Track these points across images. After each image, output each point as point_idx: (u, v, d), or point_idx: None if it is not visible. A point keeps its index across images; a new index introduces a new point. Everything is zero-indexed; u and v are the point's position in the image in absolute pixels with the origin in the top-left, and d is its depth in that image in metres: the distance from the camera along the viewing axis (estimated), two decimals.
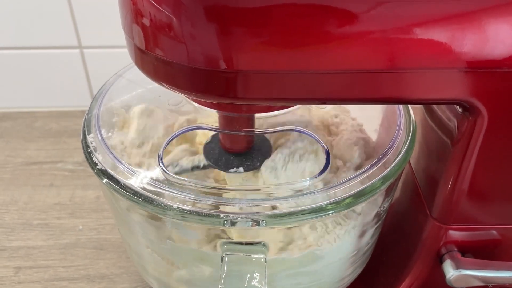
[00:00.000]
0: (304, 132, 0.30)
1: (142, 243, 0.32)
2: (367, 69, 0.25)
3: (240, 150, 0.32)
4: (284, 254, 0.29)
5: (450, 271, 0.32)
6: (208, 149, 0.32)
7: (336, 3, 0.23)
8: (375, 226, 0.33)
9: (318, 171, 0.28)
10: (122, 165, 0.29)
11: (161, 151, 0.29)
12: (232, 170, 0.31)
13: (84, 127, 0.32)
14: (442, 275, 0.33)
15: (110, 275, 0.48)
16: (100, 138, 0.31)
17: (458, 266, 0.32)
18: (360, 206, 0.29)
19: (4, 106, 0.71)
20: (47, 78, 0.69)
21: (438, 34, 0.24)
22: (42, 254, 0.50)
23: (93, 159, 0.30)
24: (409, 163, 0.38)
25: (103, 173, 0.29)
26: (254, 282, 0.25)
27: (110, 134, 0.31)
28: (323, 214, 0.27)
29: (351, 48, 0.24)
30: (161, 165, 0.28)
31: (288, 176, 0.29)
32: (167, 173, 0.28)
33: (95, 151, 0.30)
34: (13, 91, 0.70)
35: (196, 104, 0.30)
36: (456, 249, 0.33)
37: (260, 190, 0.28)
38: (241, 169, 0.30)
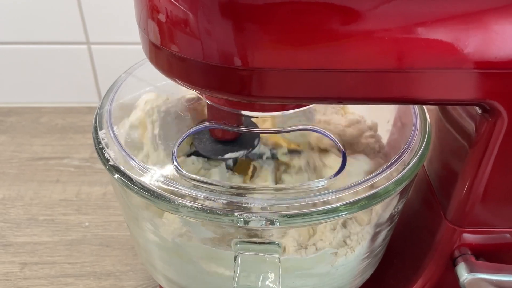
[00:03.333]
0: (320, 132, 0.29)
1: (152, 240, 0.32)
2: (385, 68, 0.25)
3: (232, 138, 0.31)
4: (297, 255, 0.28)
5: (464, 275, 0.31)
6: (197, 141, 0.32)
7: (354, 1, 0.23)
8: (388, 228, 0.32)
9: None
10: (134, 162, 0.29)
11: (175, 149, 0.28)
12: (227, 156, 0.30)
13: (95, 122, 0.31)
14: (454, 278, 0.33)
15: (116, 272, 0.48)
16: (112, 134, 0.30)
17: (472, 270, 0.32)
18: (374, 208, 0.29)
19: (10, 101, 0.71)
20: (54, 73, 0.69)
21: (458, 34, 0.24)
22: (48, 250, 0.50)
23: (105, 155, 0.29)
24: None
25: (115, 169, 0.28)
26: (267, 282, 0.25)
27: (122, 131, 0.31)
28: (336, 215, 0.26)
29: (369, 46, 0.24)
30: (175, 162, 0.28)
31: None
32: (181, 171, 0.27)
33: (107, 147, 0.30)
34: (19, 86, 0.70)
35: (209, 102, 0.30)
36: (470, 252, 0.33)
37: (274, 189, 0.27)
38: (240, 153, 0.29)
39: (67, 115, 0.69)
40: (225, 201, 0.26)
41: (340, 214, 0.27)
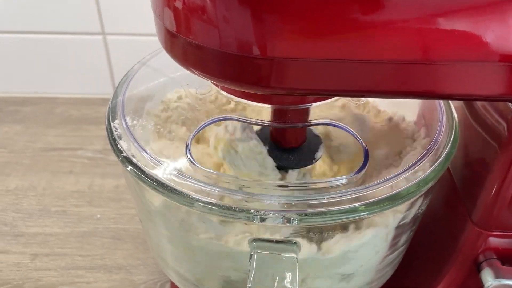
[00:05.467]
0: (341, 127, 0.28)
1: (164, 234, 0.31)
2: (411, 59, 0.23)
3: (289, 145, 0.30)
4: (315, 255, 0.27)
5: (489, 280, 0.30)
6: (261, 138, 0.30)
7: None
8: (410, 230, 0.31)
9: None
10: (147, 154, 0.28)
11: (189, 141, 0.27)
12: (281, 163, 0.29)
13: (108, 113, 0.31)
14: (478, 284, 0.31)
15: (127, 266, 0.47)
16: (125, 125, 0.29)
17: (498, 275, 0.30)
18: (396, 209, 0.28)
19: (25, 91, 0.70)
20: (69, 64, 0.68)
21: (486, 24, 0.22)
22: (59, 242, 0.49)
23: (118, 146, 0.28)
24: None
25: (128, 161, 0.27)
26: (285, 283, 0.24)
27: (135, 122, 0.30)
28: (356, 215, 0.25)
29: (394, 36, 0.22)
30: (189, 155, 0.27)
31: None
32: (195, 165, 0.26)
33: (120, 138, 0.29)
34: (35, 76, 0.70)
35: (225, 93, 0.29)
36: (495, 257, 0.31)
37: (292, 187, 0.26)
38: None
39: (81, 106, 0.69)
40: (240, 197, 0.25)
41: (361, 214, 0.25)
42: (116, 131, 0.29)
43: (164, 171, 0.27)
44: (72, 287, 0.45)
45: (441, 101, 0.33)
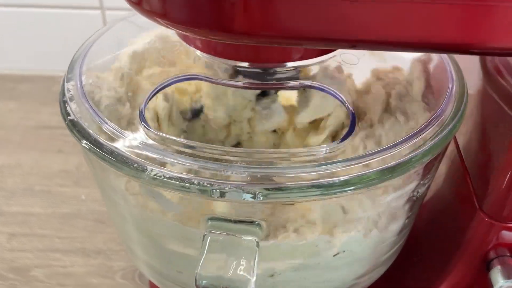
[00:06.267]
0: (325, 90, 0.24)
1: (127, 218, 0.27)
2: None
3: None
4: (285, 240, 0.23)
5: (500, 281, 0.25)
6: None
7: None
8: (406, 216, 0.26)
9: None
10: (98, 117, 0.24)
11: (142, 106, 0.23)
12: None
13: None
14: (487, 284, 0.26)
15: (107, 251, 0.44)
16: (79, 85, 0.26)
17: (510, 276, 0.25)
18: (387, 186, 0.23)
19: (23, 68, 0.68)
20: (67, 40, 0.65)
21: None
22: (40, 222, 0.46)
23: (67, 108, 0.25)
24: (457, 144, 0.31)
25: (73, 125, 0.24)
26: (239, 271, 0.19)
27: (91, 81, 0.26)
28: (337, 191, 0.21)
29: None
30: (142, 120, 0.23)
31: None
32: (150, 130, 0.22)
33: (71, 100, 0.25)
34: (33, 53, 0.67)
35: (199, 52, 0.24)
36: (508, 254, 0.26)
37: (263, 155, 0.22)
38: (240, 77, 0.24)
39: None
40: (196, 166, 0.21)
41: (344, 190, 0.21)
42: (69, 92, 0.26)
43: (113, 136, 0.23)
44: (46, 270, 0.42)
45: (452, 70, 0.28)
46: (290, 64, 0.24)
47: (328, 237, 0.23)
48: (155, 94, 0.24)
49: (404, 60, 0.30)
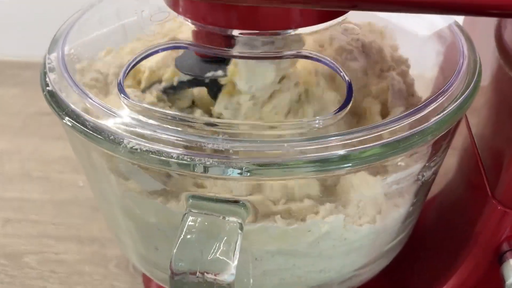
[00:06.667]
0: (321, 60, 0.21)
1: (112, 201, 0.26)
2: None
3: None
4: (273, 223, 0.21)
5: None
6: (180, 61, 0.25)
7: None
8: (411, 202, 0.24)
9: None
10: (77, 87, 0.22)
11: (121, 76, 0.22)
12: (209, 74, 0.23)
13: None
14: (499, 280, 0.24)
15: (101, 239, 0.42)
16: (60, 55, 0.24)
17: None
18: (388, 165, 0.21)
19: (27, 54, 0.67)
20: None
21: None
22: (35, 208, 0.45)
23: (46, 79, 0.23)
24: (470, 130, 0.29)
25: (51, 95, 0.22)
26: (218, 255, 0.18)
27: (72, 51, 0.25)
28: (332, 168, 0.19)
29: None
30: (120, 91, 0.21)
31: None
32: (129, 100, 0.21)
33: (51, 71, 0.24)
34: (38, 39, 0.66)
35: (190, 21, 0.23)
36: None
37: (250, 127, 0.20)
38: (219, 72, 0.22)
39: None
40: (177, 139, 0.19)
41: (339, 167, 0.19)
42: (50, 64, 0.24)
43: (89, 106, 0.21)
44: (38, 257, 0.41)
45: (465, 47, 0.26)
46: (287, 32, 0.22)
47: (321, 221, 0.21)
48: (135, 65, 0.22)
49: (411, 38, 0.28)
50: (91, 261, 0.41)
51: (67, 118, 0.21)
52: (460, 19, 0.30)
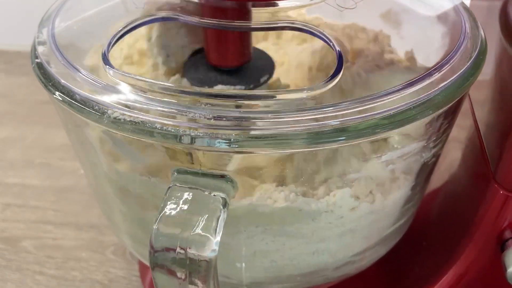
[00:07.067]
0: (309, 31, 0.21)
1: (102, 180, 0.25)
2: None
3: (231, 64, 0.24)
4: (263, 201, 0.20)
5: None
6: (189, 66, 0.24)
7: None
8: (410, 185, 0.23)
9: None
10: (65, 60, 0.22)
11: (105, 48, 0.21)
12: (217, 87, 0.23)
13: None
14: (501, 269, 0.23)
15: (100, 226, 0.42)
16: (50, 29, 0.24)
17: None
18: (385, 141, 0.20)
19: None
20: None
21: None
22: (36, 194, 0.45)
23: (36, 52, 0.23)
24: (473, 112, 0.28)
25: (40, 67, 0.22)
26: (199, 230, 0.17)
27: (63, 23, 0.24)
28: (323, 141, 0.18)
29: None
30: (105, 61, 0.20)
31: None
32: (114, 70, 0.20)
33: (41, 44, 0.23)
34: None
35: None
36: None
37: (239, 96, 0.19)
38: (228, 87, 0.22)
39: None
40: (163, 108, 0.19)
41: (330, 140, 0.18)
42: (38, 38, 0.24)
43: (78, 78, 0.21)
44: (36, 242, 0.40)
45: (467, 24, 0.25)
46: (281, 4, 0.21)
47: (313, 200, 0.20)
48: (121, 37, 0.22)
49: (416, 20, 0.27)
50: (88, 247, 0.40)
51: (53, 90, 0.21)
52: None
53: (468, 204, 0.26)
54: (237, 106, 0.19)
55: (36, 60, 0.22)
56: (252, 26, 0.21)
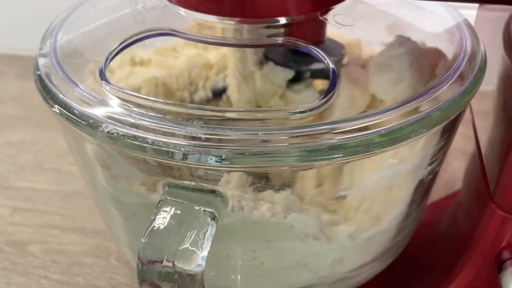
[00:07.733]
0: (305, 49, 0.21)
1: (102, 194, 0.26)
2: None
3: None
4: (254, 217, 0.20)
5: (511, 285, 0.21)
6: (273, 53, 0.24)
7: None
8: (408, 201, 0.23)
9: None
10: (64, 73, 0.22)
11: (102, 64, 0.21)
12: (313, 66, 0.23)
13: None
14: None
15: (105, 232, 0.42)
16: (52, 43, 0.24)
17: None
18: (379, 158, 0.20)
19: None
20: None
21: None
22: (44, 199, 0.46)
23: (38, 64, 0.23)
24: (475, 131, 0.27)
25: (40, 79, 0.22)
26: (187, 245, 0.17)
27: (65, 37, 0.25)
28: (318, 159, 0.18)
29: None
30: (101, 77, 0.21)
31: None
32: (108, 84, 0.20)
33: (43, 56, 0.24)
34: None
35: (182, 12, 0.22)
36: None
37: (231, 114, 0.19)
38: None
39: None
40: (156, 125, 0.19)
41: (324, 158, 0.18)
42: (42, 50, 0.24)
43: (77, 91, 0.21)
44: (42, 246, 0.41)
45: (468, 42, 0.24)
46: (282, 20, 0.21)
47: (305, 217, 0.20)
48: (120, 51, 0.22)
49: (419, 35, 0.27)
50: (92, 253, 0.41)
51: (52, 102, 0.21)
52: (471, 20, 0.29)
53: (467, 222, 0.26)
54: (229, 123, 0.19)
55: (38, 72, 0.23)
56: (249, 44, 0.21)
